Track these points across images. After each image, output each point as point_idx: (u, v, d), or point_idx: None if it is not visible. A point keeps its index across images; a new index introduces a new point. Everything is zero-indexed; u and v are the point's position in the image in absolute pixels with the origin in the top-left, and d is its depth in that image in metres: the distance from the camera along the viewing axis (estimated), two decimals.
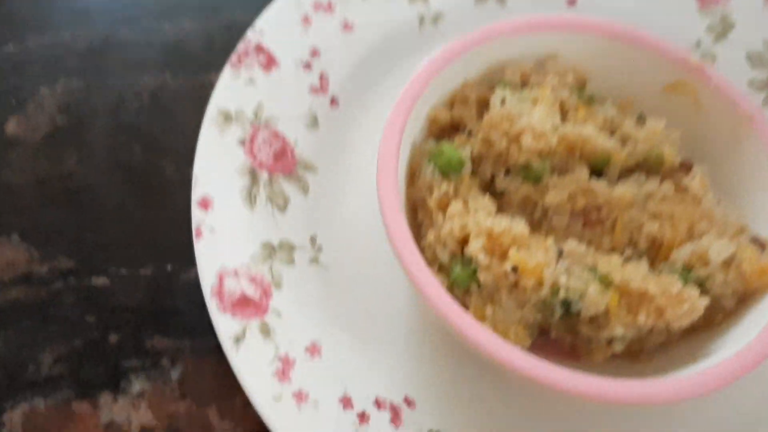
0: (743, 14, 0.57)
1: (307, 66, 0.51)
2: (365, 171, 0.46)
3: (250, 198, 0.45)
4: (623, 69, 0.48)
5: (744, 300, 0.42)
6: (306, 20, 0.52)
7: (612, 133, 0.46)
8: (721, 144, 0.47)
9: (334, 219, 0.47)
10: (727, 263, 0.41)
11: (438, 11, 0.55)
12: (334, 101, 0.51)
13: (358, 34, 0.53)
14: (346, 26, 0.53)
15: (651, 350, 0.43)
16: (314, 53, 0.51)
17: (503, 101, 0.44)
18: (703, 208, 0.42)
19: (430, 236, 0.42)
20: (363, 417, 0.40)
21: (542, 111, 0.43)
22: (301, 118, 0.49)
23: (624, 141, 0.46)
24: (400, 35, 0.54)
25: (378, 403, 0.41)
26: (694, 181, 0.43)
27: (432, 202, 0.42)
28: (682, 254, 0.41)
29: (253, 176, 0.46)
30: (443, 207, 0.42)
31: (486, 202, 0.42)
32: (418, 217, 0.44)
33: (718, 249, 0.41)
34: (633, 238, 0.42)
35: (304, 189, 0.47)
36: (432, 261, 0.42)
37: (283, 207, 0.46)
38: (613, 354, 0.42)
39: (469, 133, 0.45)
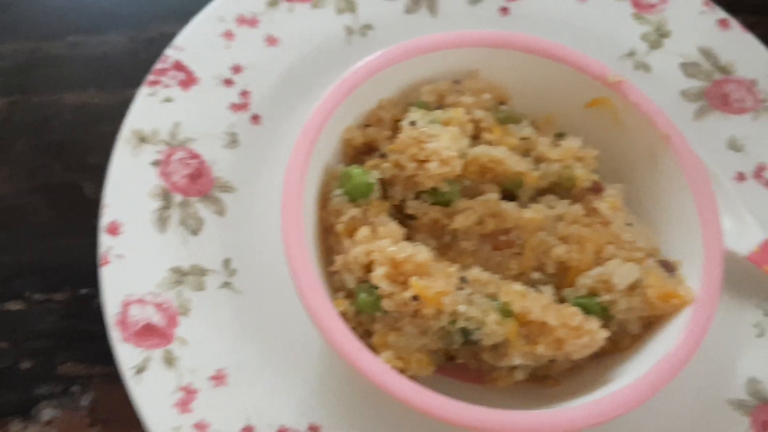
0: (679, 21, 0.56)
1: (228, 82, 0.50)
2: None
3: (161, 222, 0.45)
4: (545, 85, 0.48)
5: (651, 324, 0.42)
6: (228, 35, 0.51)
7: (527, 152, 0.46)
8: (640, 162, 0.46)
9: (251, 241, 0.46)
10: (632, 288, 0.41)
11: (367, 22, 0.54)
12: (256, 118, 0.50)
13: (283, 48, 0.52)
14: (271, 40, 0.52)
15: (559, 374, 0.43)
16: (236, 69, 0.51)
17: (413, 123, 0.43)
18: (612, 231, 0.42)
19: (339, 262, 0.41)
20: None
21: (450, 135, 0.42)
22: (219, 136, 0.49)
23: (539, 161, 0.45)
24: (327, 48, 0.53)
25: None
26: (603, 204, 0.43)
27: (340, 227, 0.42)
28: (587, 280, 0.41)
29: (166, 199, 0.46)
30: (351, 232, 0.42)
31: (394, 228, 0.42)
32: (330, 240, 0.44)
33: (622, 274, 0.40)
34: (541, 262, 0.42)
35: (220, 211, 0.47)
36: (340, 287, 0.42)
37: (196, 230, 0.46)
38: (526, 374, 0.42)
39: (382, 156, 0.44)
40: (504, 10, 0.55)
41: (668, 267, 0.42)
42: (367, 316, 0.40)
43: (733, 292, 0.48)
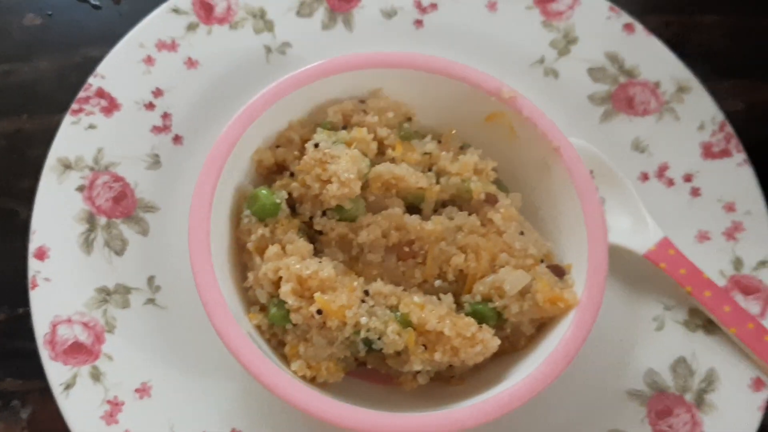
0: (586, 27, 0.58)
1: (150, 106, 0.53)
2: None
3: (87, 244, 0.48)
4: (447, 101, 0.50)
5: (543, 326, 0.45)
6: (149, 60, 0.54)
7: (430, 167, 0.48)
8: (535, 171, 0.49)
9: (173, 258, 0.49)
10: (522, 293, 0.44)
11: (284, 40, 0.56)
12: (177, 139, 0.53)
13: (203, 69, 0.54)
14: (191, 63, 0.54)
15: (463, 374, 0.46)
16: (157, 93, 0.53)
17: (317, 146, 0.46)
18: (505, 240, 0.45)
19: (251, 278, 0.44)
20: None
21: (349, 158, 0.44)
22: (142, 159, 0.51)
23: (440, 174, 0.48)
24: (246, 67, 0.55)
25: None
26: (497, 215, 0.46)
27: (250, 245, 0.45)
28: (482, 287, 0.44)
29: (91, 222, 0.49)
30: (261, 250, 0.45)
31: (302, 245, 0.44)
32: (244, 257, 0.46)
33: (513, 281, 0.43)
34: (442, 270, 0.45)
35: (144, 231, 0.50)
36: (255, 301, 0.45)
37: (120, 250, 0.49)
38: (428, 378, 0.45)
39: (291, 175, 0.47)
40: (418, 23, 0.58)
41: (558, 271, 0.45)
42: (279, 328, 0.43)
43: (633, 288, 0.52)
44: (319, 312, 0.42)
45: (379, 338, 0.42)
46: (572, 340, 0.42)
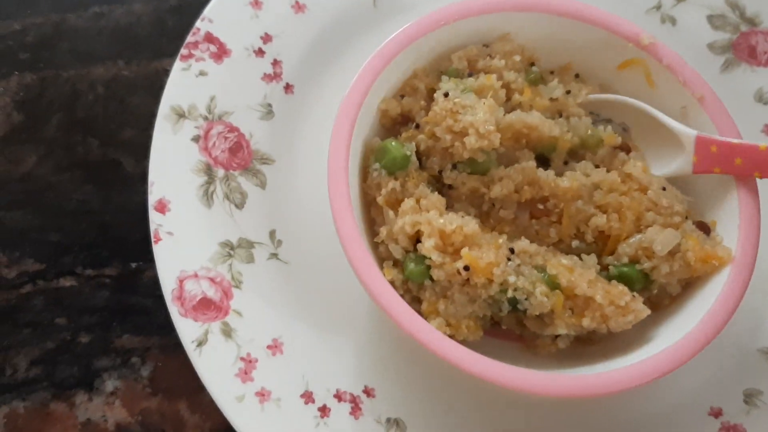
0: None
1: (260, 52, 0.50)
2: (323, 160, 0.46)
3: (207, 197, 0.46)
4: (576, 47, 0.48)
5: (690, 285, 0.44)
6: (256, 4, 0.51)
7: (557, 113, 0.46)
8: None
9: (293, 212, 0.48)
10: (672, 253, 0.42)
11: None
12: (288, 88, 0.50)
13: (310, 14, 0.52)
14: (299, 7, 0.52)
15: (602, 336, 0.44)
16: (266, 39, 0.51)
17: (446, 95, 0.43)
18: (650, 197, 0.43)
19: (383, 233, 0.43)
20: (324, 410, 0.43)
21: (486, 108, 0.42)
22: (255, 108, 0.49)
23: (568, 118, 0.46)
24: (354, 12, 0.53)
25: (338, 396, 0.43)
26: (637, 169, 0.44)
27: (381, 200, 0.43)
28: (628, 248, 0.42)
29: (209, 174, 0.47)
30: (392, 204, 0.43)
31: (436, 199, 0.43)
32: (372, 212, 0.45)
33: (663, 241, 0.42)
34: (580, 230, 0.43)
35: (262, 183, 0.48)
36: (386, 257, 0.43)
37: (240, 204, 0.47)
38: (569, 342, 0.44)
39: (417, 126, 0.45)
40: None
41: (704, 228, 0.44)
42: (415, 284, 0.42)
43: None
44: (466, 268, 0.40)
45: (526, 299, 0.40)
46: (730, 298, 0.41)
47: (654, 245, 0.41)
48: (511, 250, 0.41)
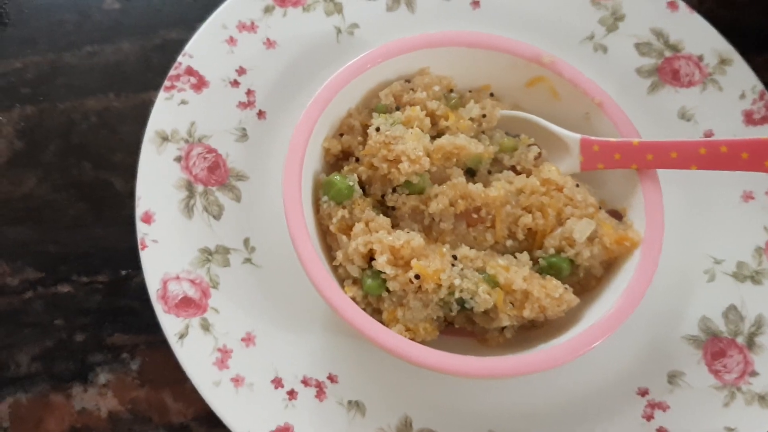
0: (632, 6, 0.62)
1: (235, 83, 0.57)
2: None
3: (188, 209, 0.52)
4: (489, 72, 0.55)
5: (610, 267, 0.50)
6: (231, 41, 0.58)
7: (478, 127, 0.53)
8: (577, 125, 0.53)
9: (265, 222, 0.53)
10: (591, 239, 0.48)
11: (353, 22, 0.60)
12: (261, 114, 0.57)
13: (280, 49, 0.58)
14: (269, 43, 0.58)
15: (540, 322, 0.50)
16: (241, 71, 0.57)
17: (378, 129, 0.50)
18: (566, 194, 0.49)
19: (340, 256, 0.48)
20: (292, 394, 0.48)
21: (414, 136, 0.49)
22: (231, 132, 0.55)
23: (487, 132, 0.53)
24: (319, 47, 0.59)
25: (305, 381, 0.49)
26: (552, 173, 0.50)
27: (333, 227, 0.49)
28: (552, 240, 0.48)
29: (190, 189, 0.53)
30: (344, 230, 0.49)
31: (383, 220, 0.49)
32: (327, 239, 0.51)
33: (580, 229, 0.48)
34: (511, 231, 0.49)
35: (237, 197, 0.54)
36: (346, 277, 0.49)
37: (218, 215, 0.53)
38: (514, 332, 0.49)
39: (357, 160, 0.51)
40: (475, 4, 0.62)
41: (616, 215, 0.50)
42: (374, 297, 0.48)
43: (683, 247, 0.56)
44: (417, 277, 0.46)
45: (471, 298, 0.46)
46: (643, 272, 0.47)
47: (574, 234, 0.48)
48: (454, 257, 0.47)
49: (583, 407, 0.51)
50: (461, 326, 0.50)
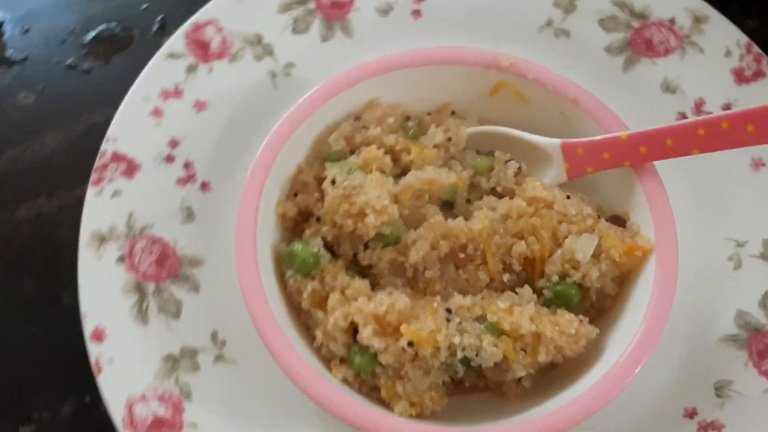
0: None
1: (170, 158, 0.51)
2: None
3: (141, 315, 0.46)
4: (446, 88, 0.49)
5: (625, 281, 0.44)
6: (157, 112, 0.52)
7: (446, 153, 0.47)
8: (553, 125, 0.48)
9: (231, 309, 0.47)
10: (596, 255, 0.42)
11: (287, 61, 0.54)
12: (204, 186, 0.51)
13: (212, 110, 0.53)
14: (199, 105, 0.52)
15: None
16: (173, 144, 0.51)
17: (333, 182, 0.44)
18: (557, 210, 0.43)
19: (319, 336, 0.42)
20: None
21: (375, 183, 0.43)
22: (175, 214, 0.49)
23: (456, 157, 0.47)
24: (255, 97, 0.53)
25: None
26: (537, 189, 0.44)
27: (305, 304, 0.43)
28: (553, 266, 0.42)
29: (140, 291, 0.47)
30: (319, 304, 0.43)
31: (360, 284, 0.42)
32: (302, 317, 0.44)
33: (582, 247, 0.42)
34: (506, 263, 0.43)
35: (195, 287, 0.48)
36: (330, 357, 0.43)
37: (176, 314, 0.47)
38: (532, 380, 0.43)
39: (318, 220, 0.45)
40: (416, 13, 0.56)
41: (619, 221, 0.44)
42: (367, 374, 0.42)
43: (697, 234, 0.49)
44: (410, 344, 0.40)
45: (476, 354, 0.40)
46: (663, 284, 0.41)
47: (576, 254, 0.42)
48: (448, 311, 0.41)
49: None
50: (472, 383, 0.43)
